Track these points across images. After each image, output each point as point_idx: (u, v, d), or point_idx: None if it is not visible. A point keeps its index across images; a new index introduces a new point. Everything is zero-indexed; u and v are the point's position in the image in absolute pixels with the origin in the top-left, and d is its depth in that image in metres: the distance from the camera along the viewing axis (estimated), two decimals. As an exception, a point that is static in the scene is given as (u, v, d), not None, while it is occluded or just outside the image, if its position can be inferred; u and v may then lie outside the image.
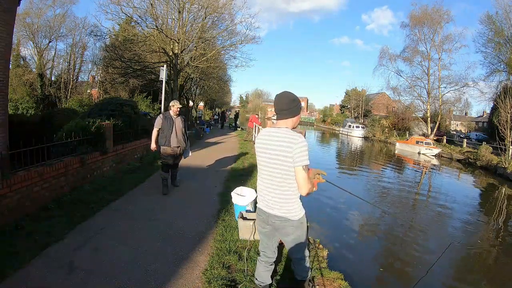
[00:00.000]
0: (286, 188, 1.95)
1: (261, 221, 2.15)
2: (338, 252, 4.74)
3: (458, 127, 44.93)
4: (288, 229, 2.02)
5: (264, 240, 2.23)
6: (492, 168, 15.27)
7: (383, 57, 31.29)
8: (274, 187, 1.98)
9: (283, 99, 1.99)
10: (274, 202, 2.00)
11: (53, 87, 21.40)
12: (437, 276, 4.34)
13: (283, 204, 1.98)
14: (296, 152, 1.84)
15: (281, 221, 2.01)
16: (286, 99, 1.99)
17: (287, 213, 1.98)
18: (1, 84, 4.79)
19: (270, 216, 2.04)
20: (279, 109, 2.00)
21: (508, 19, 22.16)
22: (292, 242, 2.08)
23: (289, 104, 1.98)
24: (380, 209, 6.59)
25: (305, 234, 2.11)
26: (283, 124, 2.00)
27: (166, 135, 4.89)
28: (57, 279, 2.50)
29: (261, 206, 2.12)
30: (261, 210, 2.12)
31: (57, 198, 4.31)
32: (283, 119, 2.00)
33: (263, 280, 2.29)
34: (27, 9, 20.40)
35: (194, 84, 23.82)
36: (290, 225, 2.01)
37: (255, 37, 13.19)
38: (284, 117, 1.99)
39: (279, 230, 2.07)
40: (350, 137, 34.13)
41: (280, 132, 1.95)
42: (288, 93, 2.02)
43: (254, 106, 76.24)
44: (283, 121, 2.00)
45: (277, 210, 2.00)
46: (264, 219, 2.10)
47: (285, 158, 1.88)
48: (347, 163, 16.84)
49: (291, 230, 2.02)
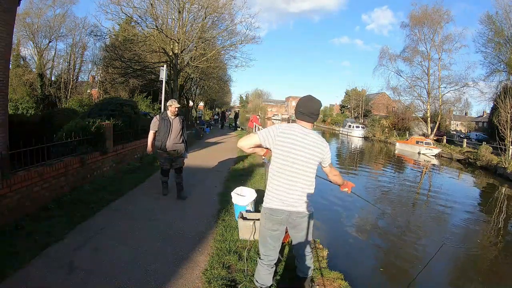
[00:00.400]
0: (312, 184, 2.11)
1: (275, 223, 2.11)
2: (338, 252, 4.73)
3: (458, 127, 44.92)
4: (305, 224, 2.13)
5: (270, 244, 2.18)
6: (492, 168, 15.27)
7: (383, 57, 31.31)
8: (302, 184, 2.07)
9: (317, 105, 2.13)
10: (301, 199, 2.08)
11: (53, 87, 21.40)
12: (436, 275, 4.35)
13: (307, 200, 2.10)
14: (326, 155, 2.14)
15: (301, 217, 2.11)
16: (319, 106, 2.14)
17: (308, 207, 2.11)
18: (1, 84, 4.79)
19: (292, 214, 2.09)
20: (311, 112, 2.09)
21: (508, 19, 22.15)
22: (303, 237, 2.17)
23: (318, 110, 2.14)
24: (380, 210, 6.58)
25: (312, 229, 2.23)
26: (309, 126, 2.13)
27: (162, 138, 4.57)
28: (57, 279, 2.50)
29: (278, 206, 2.07)
30: (278, 210, 2.08)
31: (57, 198, 4.31)
32: (310, 122, 2.12)
33: (265, 283, 2.27)
34: (27, 9, 20.41)
35: (194, 84, 23.83)
36: (306, 220, 2.13)
37: (255, 37, 13.23)
38: (310, 121, 2.12)
39: (296, 226, 2.14)
40: (350, 137, 34.12)
41: (312, 133, 2.11)
42: (319, 101, 2.15)
43: (254, 106, 76.21)
44: (310, 124, 2.13)
45: (300, 206, 2.08)
46: (281, 220, 2.09)
47: (317, 158, 2.10)
48: (347, 163, 16.84)
49: (305, 224, 2.13)
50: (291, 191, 2.06)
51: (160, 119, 4.63)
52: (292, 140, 2.05)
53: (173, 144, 4.64)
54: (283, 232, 2.18)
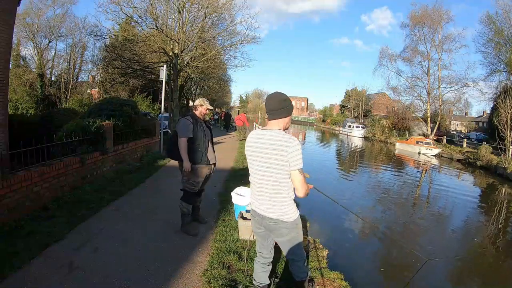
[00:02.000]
0: (281, 191, 1.93)
1: (256, 222, 2.14)
2: (338, 252, 4.73)
3: (458, 127, 44.91)
4: (282, 230, 2.01)
5: (259, 241, 2.24)
6: (492, 168, 15.27)
7: (383, 57, 31.31)
8: (268, 190, 1.95)
9: (273, 99, 1.96)
10: (268, 205, 1.98)
11: (53, 87, 21.39)
12: (436, 275, 4.35)
13: (277, 207, 1.96)
14: (292, 155, 1.82)
15: (275, 223, 1.99)
16: (276, 99, 1.96)
17: (281, 215, 1.96)
18: (1, 84, 4.79)
19: (264, 218, 2.02)
20: (270, 109, 1.96)
21: (508, 19, 22.15)
22: (287, 243, 2.07)
23: (280, 103, 1.94)
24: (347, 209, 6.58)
25: (300, 235, 2.08)
26: (275, 125, 1.97)
27: (201, 147, 3.44)
28: (57, 279, 2.50)
29: (254, 208, 2.09)
30: (255, 212, 2.10)
31: (57, 198, 4.32)
32: (274, 119, 1.96)
33: (261, 281, 2.29)
34: (27, 9, 20.38)
35: (194, 84, 23.84)
36: (284, 227, 1.99)
37: (255, 37, 13.18)
38: (276, 117, 1.96)
39: (273, 231, 2.06)
40: (350, 137, 34.12)
41: (273, 134, 1.91)
42: (279, 93, 1.99)
43: (254, 106, 76.16)
44: (275, 121, 1.97)
45: (271, 213, 1.97)
46: (258, 220, 2.10)
47: (280, 162, 1.85)
48: (347, 163, 16.84)
49: (285, 231, 2.01)
50: (261, 196, 2.00)
51: (193, 121, 3.44)
52: (251, 146, 2.01)
53: (214, 155, 3.65)
54: (268, 232, 2.13)
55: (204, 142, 3.46)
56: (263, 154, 1.92)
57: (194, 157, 3.40)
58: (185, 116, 3.53)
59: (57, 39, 22.53)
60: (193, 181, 3.46)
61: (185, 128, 3.37)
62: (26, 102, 18.94)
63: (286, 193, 1.94)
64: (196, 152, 3.42)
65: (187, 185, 3.48)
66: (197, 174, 3.46)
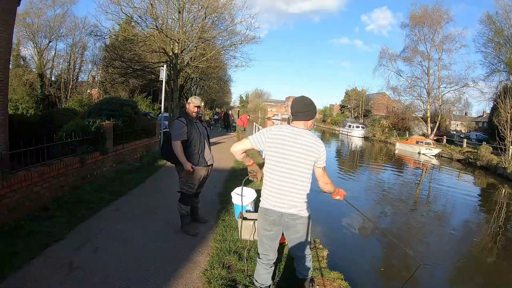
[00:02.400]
0: (306, 186, 2.03)
1: (269, 223, 2.10)
2: (338, 252, 4.73)
3: (458, 127, 44.90)
4: (299, 226, 2.07)
5: (266, 243, 2.19)
6: (492, 168, 15.28)
7: (383, 57, 31.32)
8: (294, 184, 2.02)
9: (300, 102, 2.09)
10: (291, 200, 2.02)
11: (53, 87, 21.39)
12: (436, 275, 4.35)
13: (301, 201, 2.03)
14: (322, 154, 2.03)
15: (294, 219, 2.05)
16: (302, 102, 2.09)
17: (300, 210, 2.04)
18: (1, 84, 4.79)
19: (283, 215, 2.04)
20: (296, 111, 2.08)
21: (508, 19, 22.15)
22: (298, 239, 2.11)
23: (305, 107, 2.07)
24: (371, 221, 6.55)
25: (310, 232, 2.16)
26: (302, 125, 2.08)
27: (198, 149, 3.36)
28: (57, 279, 2.50)
29: (270, 206, 2.06)
30: (270, 211, 2.06)
31: (57, 198, 4.31)
32: (299, 120, 2.08)
33: (264, 282, 2.28)
34: (27, 9, 20.37)
35: (194, 84, 23.82)
36: (301, 222, 2.06)
37: (255, 37, 13.18)
38: (301, 119, 2.07)
39: (290, 228, 2.09)
40: (350, 137, 34.13)
41: (304, 133, 2.03)
42: (306, 97, 2.12)
43: (254, 106, 76.22)
44: (301, 122, 2.08)
45: (293, 208, 2.03)
46: (274, 220, 2.07)
47: (310, 158, 2.00)
48: (347, 163, 16.84)
49: (300, 227, 2.07)
50: (283, 192, 2.02)
51: (187, 121, 3.33)
52: (282, 140, 2.03)
53: (211, 155, 3.56)
54: (279, 232, 2.15)
55: (200, 143, 3.38)
56: (300, 149, 2.00)
57: (190, 160, 3.32)
58: (178, 117, 3.42)
59: (57, 39, 22.54)
60: (191, 183, 3.42)
61: (178, 131, 3.27)
62: (26, 102, 18.94)
63: (308, 188, 2.06)
64: (193, 154, 3.34)
65: (184, 187, 3.44)
66: (194, 176, 3.40)
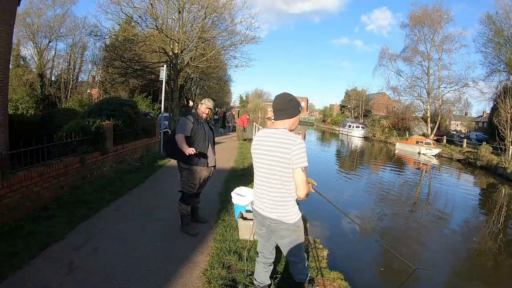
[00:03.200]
0: (283, 190, 1.92)
1: (258, 223, 2.16)
2: (338, 252, 4.73)
3: (458, 127, 44.90)
4: (283, 232, 2.00)
5: (261, 242, 2.24)
6: (492, 168, 15.27)
7: (383, 57, 31.32)
8: (271, 189, 1.96)
9: (280, 100, 2.00)
10: (269, 205, 1.98)
11: (53, 87, 21.40)
12: (435, 275, 4.35)
13: (279, 207, 1.95)
14: (295, 153, 1.82)
15: (276, 224, 1.98)
16: (283, 99, 2.00)
17: (282, 216, 1.95)
18: (1, 84, 4.79)
19: (265, 218, 2.03)
20: (276, 109, 2.00)
21: (508, 19, 22.15)
22: (287, 245, 2.06)
23: (286, 104, 1.98)
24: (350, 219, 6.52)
25: (301, 237, 2.06)
26: (280, 124, 1.99)
27: (201, 148, 3.35)
28: (57, 279, 2.50)
29: (256, 208, 2.10)
30: (256, 212, 2.11)
31: (57, 198, 4.31)
32: (280, 119, 2.00)
33: (262, 281, 2.30)
34: (27, 9, 20.39)
35: (194, 84, 23.85)
36: (285, 228, 1.98)
37: (255, 37, 13.18)
38: (281, 118, 1.99)
39: (274, 232, 2.06)
40: (350, 137, 34.14)
41: (277, 133, 1.94)
42: (286, 94, 2.02)
43: (254, 106, 76.17)
44: (281, 121, 2.00)
45: (272, 213, 1.97)
46: (259, 221, 2.11)
47: (283, 160, 1.86)
48: (347, 163, 16.84)
49: (286, 233, 2.00)
50: (264, 196, 2.01)
51: (194, 120, 3.39)
52: (256, 145, 2.05)
53: (214, 158, 3.58)
54: (270, 233, 2.13)
55: (203, 144, 3.38)
56: (268, 152, 1.94)
57: (192, 159, 3.30)
58: (186, 115, 3.48)
59: (57, 39, 22.57)
60: (191, 182, 3.42)
61: (182, 126, 3.32)
62: (26, 102, 18.96)
63: (288, 193, 1.93)
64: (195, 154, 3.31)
65: (185, 187, 3.45)
66: (195, 176, 3.40)
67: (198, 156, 3.32)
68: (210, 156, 3.46)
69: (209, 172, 3.53)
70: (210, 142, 3.48)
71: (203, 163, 3.40)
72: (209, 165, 3.47)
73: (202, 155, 3.37)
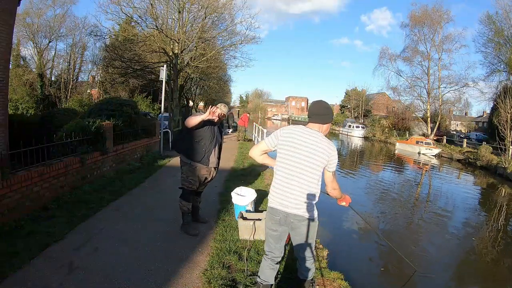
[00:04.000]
0: (313, 188, 2.01)
1: (275, 223, 2.11)
2: (338, 252, 4.73)
3: (458, 127, 44.89)
4: (303, 228, 2.05)
5: (272, 243, 2.19)
6: (492, 168, 15.27)
7: (383, 57, 31.29)
8: (301, 185, 2.00)
9: (318, 104, 2.13)
10: (298, 201, 2.01)
11: (53, 87, 21.39)
12: (435, 276, 4.35)
13: (308, 203, 2.01)
14: (333, 158, 2.03)
15: (299, 220, 2.03)
16: (320, 105, 2.13)
17: (307, 212, 2.02)
18: (1, 84, 4.79)
19: (289, 216, 2.03)
20: (312, 113, 2.11)
21: (508, 19, 22.15)
22: (302, 241, 2.09)
23: (323, 110, 2.10)
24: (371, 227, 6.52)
25: (315, 234, 2.14)
26: (315, 127, 2.09)
27: (206, 147, 3.38)
28: (57, 279, 2.50)
29: (278, 206, 2.06)
30: (277, 210, 2.07)
31: (57, 198, 4.31)
32: (315, 122, 2.09)
33: (266, 279, 2.25)
34: (27, 9, 20.37)
35: (194, 84, 23.86)
36: (305, 224, 2.04)
37: (255, 37, 13.22)
38: (317, 121, 2.09)
39: (295, 229, 2.08)
40: (350, 137, 34.14)
41: (318, 135, 2.04)
42: (323, 101, 2.17)
43: (254, 106, 76.20)
44: (316, 125, 2.09)
45: (299, 209, 2.01)
46: (280, 220, 2.07)
47: (321, 160, 1.99)
48: (347, 163, 16.84)
49: (305, 229, 2.05)
50: (290, 192, 2.01)
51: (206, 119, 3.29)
52: (293, 139, 2.03)
53: (217, 159, 3.58)
54: (284, 233, 2.15)
55: (210, 143, 3.41)
56: (311, 150, 1.99)
57: (194, 155, 3.37)
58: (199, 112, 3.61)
59: (57, 39, 22.55)
60: (191, 179, 3.45)
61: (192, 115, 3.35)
62: (26, 102, 18.95)
63: (318, 190, 2.04)
64: (198, 151, 3.38)
65: (185, 183, 3.48)
66: (195, 173, 3.43)
67: (201, 153, 3.37)
68: (212, 157, 3.47)
69: (208, 172, 3.52)
70: (217, 143, 3.51)
71: (204, 161, 3.42)
72: (209, 165, 3.47)
73: (206, 154, 3.39)
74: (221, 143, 3.63)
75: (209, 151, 3.42)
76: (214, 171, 3.61)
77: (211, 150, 3.44)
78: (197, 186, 3.55)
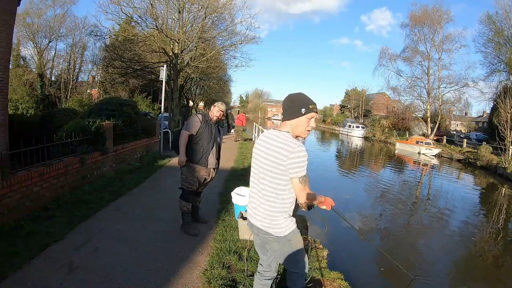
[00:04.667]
0: (273, 199, 1.72)
1: (252, 232, 1.95)
2: (338, 252, 4.73)
3: (458, 127, 44.88)
4: (273, 244, 1.80)
5: (258, 253, 2.03)
6: (492, 168, 15.28)
7: (383, 57, 31.34)
8: (261, 196, 1.76)
9: (285, 99, 1.82)
10: (258, 213, 1.78)
11: (53, 87, 21.38)
12: (435, 276, 4.35)
13: (267, 217, 1.75)
14: (291, 162, 1.63)
15: (264, 234, 1.79)
16: (286, 99, 1.80)
17: (270, 227, 1.75)
18: (1, 84, 4.79)
19: (253, 227, 1.85)
20: (282, 109, 1.83)
21: (508, 19, 22.16)
22: (280, 257, 1.86)
23: (286, 104, 1.79)
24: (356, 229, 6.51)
25: (295, 249, 1.81)
26: (284, 126, 1.78)
27: (204, 148, 3.40)
28: (57, 279, 2.50)
29: (249, 216, 1.90)
30: (248, 220, 1.93)
31: (57, 198, 4.31)
32: (284, 121, 1.80)
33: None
34: (27, 9, 20.36)
35: (194, 84, 23.83)
36: (274, 241, 1.78)
37: (255, 37, 13.18)
38: (284, 119, 1.79)
39: (266, 244, 1.86)
40: (350, 137, 34.15)
41: (279, 136, 1.73)
42: (293, 94, 1.82)
43: (254, 106, 76.20)
44: (286, 123, 1.78)
45: (259, 222, 1.78)
46: (253, 231, 1.90)
47: (277, 166, 1.67)
48: (347, 163, 16.84)
49: (276, 245, 1.80)
50: (254, 203, 1.83)
51: (203, 119, 3.42)
52: (257, 145, 1.84)
53: (216, 160, 3.57)
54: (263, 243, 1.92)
55: (208, 144, 3.40)
56: (265, 155, 1.74)
57: (193, 156, 3.40)
58: (197, 113, 3.63)
59: (57, 39, 22.53)
60: (190, 179, 3.46)
61: (190, 124, 3.41)
62: (26, 102, 18.94)
63: (279, 203, 1.72)
64: (197, 152, 3.40)
65: (185, 183, 3.48)
66: (194, 174, 3.45)
67: (199, 154, 3.40)
68: (211, 157, 3.47)
69: (207, 173, 3.52)
70: (215, 144, 3.50)
71: (203, 162, 3.43)
72: (208, 166, 3.47)
73: (204, 155, 3.42)
74: (219, 143, 3.61)
75: (207, 152, 3.42)
76: (214, 172, 3.60)
77: (209, 151, 3.44)
78: (197, 187, 3.56)
